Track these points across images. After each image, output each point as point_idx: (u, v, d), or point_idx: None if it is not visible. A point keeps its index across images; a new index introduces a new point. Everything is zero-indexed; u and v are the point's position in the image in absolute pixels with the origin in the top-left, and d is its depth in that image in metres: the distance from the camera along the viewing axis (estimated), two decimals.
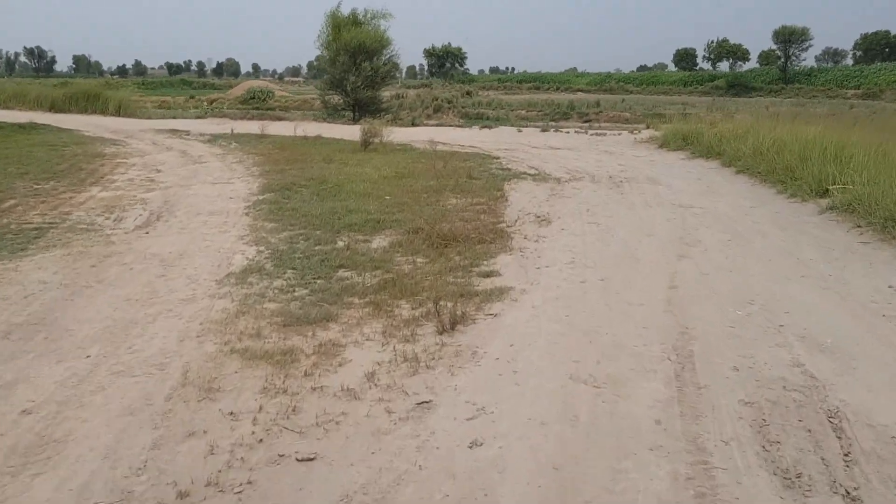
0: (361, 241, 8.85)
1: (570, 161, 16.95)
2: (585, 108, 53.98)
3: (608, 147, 19.81)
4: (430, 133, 24.75)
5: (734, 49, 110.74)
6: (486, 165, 16.07)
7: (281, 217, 10.12)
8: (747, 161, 13.59)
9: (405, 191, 12.35)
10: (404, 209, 10.65)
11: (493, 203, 11.16)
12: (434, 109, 54.73)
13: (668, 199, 11.17)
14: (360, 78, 27.34)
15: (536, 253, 7.93)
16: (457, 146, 20.73)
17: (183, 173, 14.70)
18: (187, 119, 28.44)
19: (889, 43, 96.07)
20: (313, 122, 26.94)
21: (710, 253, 7.72)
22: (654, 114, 51.81)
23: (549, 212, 10.27)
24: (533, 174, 14.69)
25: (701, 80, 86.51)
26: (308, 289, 6.86)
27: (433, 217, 9.96)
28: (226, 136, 22.76)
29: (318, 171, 14.62)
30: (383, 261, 7.84)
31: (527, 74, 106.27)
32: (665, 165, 15.50)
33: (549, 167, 15.82)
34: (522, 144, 20.84)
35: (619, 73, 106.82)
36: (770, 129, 14.79)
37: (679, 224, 9.26)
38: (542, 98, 64.98)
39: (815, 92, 73.33)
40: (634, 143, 20.51)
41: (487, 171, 15.13)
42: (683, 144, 17.80)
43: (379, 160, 16.45)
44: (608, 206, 10.69)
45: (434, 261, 7.76)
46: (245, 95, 64.20)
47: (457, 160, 16.98)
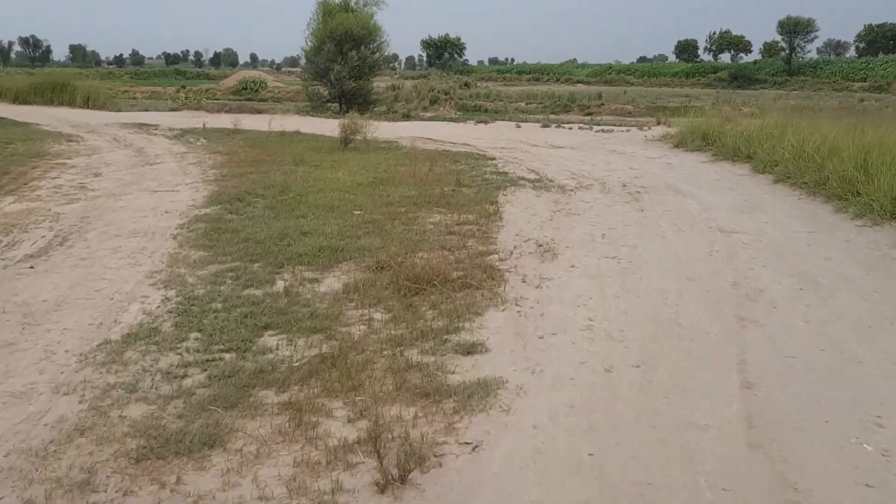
0: (309, 280, 6.63)
1: (575, 163, 14.68)
2: (587, 101, 51.54)
3: (616, 146, 17.54)
4: (422, 128, 22.47)
5: (736, 40, 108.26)
6: (479, 168, 13.82)
7: (215, 242, 7.89)
8: (787, 167, 11.32)
9: (380, 203, 10.12)
10: (374, 230, 8.43)
11: (484, 222, 8.92)
12: (430, 101, 52.31)
13: (702, 218, 8.91)
14: (345, 67, 24.94)
15: (539, 308, 5.68)
16: (448, 144, 18.46)
17: (125, 178, 12.44)
18: (161, 112, 26.10)
19: (894, 35, 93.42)
20: (295, 116, 24.60)
21: (782, 314, 5.46)
22: (657, 106, 49.41)
23: (553, 237, 8.02)
24: (533, 180, 12.44)
25: (703, 72, 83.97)
26: (207, 372, 4.64)
27: (407, 244, 7.73)
28: (196, 130, 20.50)
29: (283, 175, 12.37)
30: (329, 317, 5.62)
31: (526, 65, 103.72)
32: (686, 170, 13.23)
33: (552, 171, 13.57)
34: (521, 142, 18.56)
35: (619, 65, 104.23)
36: (811, 128, 12.51)
37: (725, 259, 6.99)
38: (542, 90, 62.47)
39: (820, 84, 70.94)
40: (645, 141, 18.23)
41: (480, 176, 12.88)
42: (703, 144, 15.52)
43: (357, 162, 14.20)
44: (628, 228, 8.42)
45: (397, 319, 5.54)
46: (237, 86, 61.92)
47: (446, 162, 14.73)
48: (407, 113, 34.88)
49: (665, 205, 9.83)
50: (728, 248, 7.39)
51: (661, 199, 10.31)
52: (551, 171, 13.60)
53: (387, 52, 29.75)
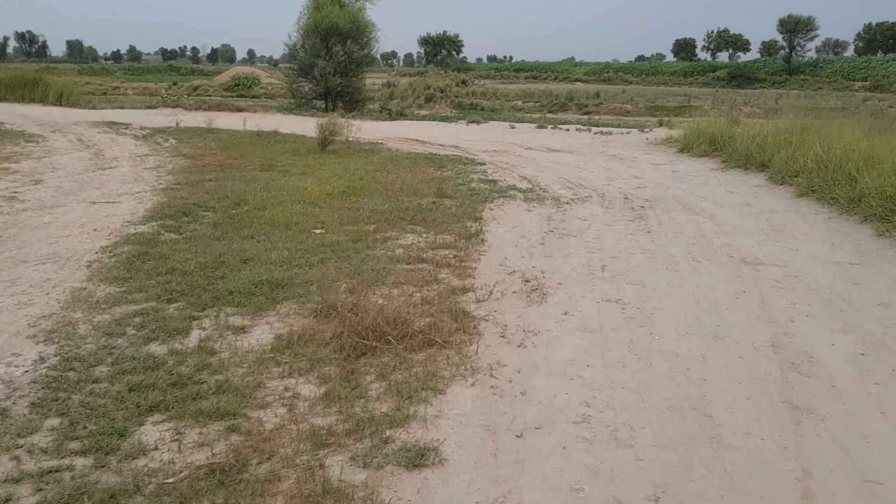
0: (233, 330, 5.18)
1: (572, 170, 13.24)
2: (585, 100, 50.05)
3: (617, 150, 16.09)
4: (411, 128, 21.02)
5: (734, 39, 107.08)
6: (465, 175, 12.38)
7: (134, 273, 6.44)
8: (810, 179, 9.86)
9: (347, 219, 8.70)
10: (331, 256, 7.00)
11: (463, 245, 7.48)
12: (426, 99, 50.80)
13: (720, 243, 7.46)
14: (330, 63, 23.39)
15: (519, 382, 4.23)
16: (437, 146, 17.01)
17: (67, 186, 10.98)
18: (137, 109, 24.59)
19: (893, 34, 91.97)
20: (277, 115, 23.08)
21: (847, 399, 3.97)
22: (656, 106, 47.96)
23: (543, 269, 6.57)
24: (525, 190, 11.00)
25: (702, 71, 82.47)
26: (39, 495, 3.21)
27: (368, 276, 6.30)
28: (168, 130, 19.02)
29: (245, 183, 10.94)
30: (241, 392, 4.18)
31: (524, 63, 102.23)
32: (695, 180, 11.78)
33: (546, 179, 12.13)
34: (515, 145, 17.10)
35: (617, 63, 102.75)
36: (833, 133, 11.07)
37: (757, 306, 5.53)
38: (540, 88, 60.97)
39: (820, 84, 69.50)
40: (647, 144, 16.78)
41: (466, 184, 11.44)
42: (711, 149, 14.07)
43: (332, 167, 12.75)
44: (633, 257, 6.96)
45: (331, 397, 4.10)
46: (230, 82, 60.54)
47: (431, 167, 13.29)
48: (401, 111, 33.40)
49: (675, 224, 8.38)
50: (758, 287, 5.93)
51: (670, 216, 8.86)
52: (546, 179, 12.16)
53: (377, 48, 28.12)
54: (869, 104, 46.04)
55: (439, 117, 24.01)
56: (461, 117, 25.55)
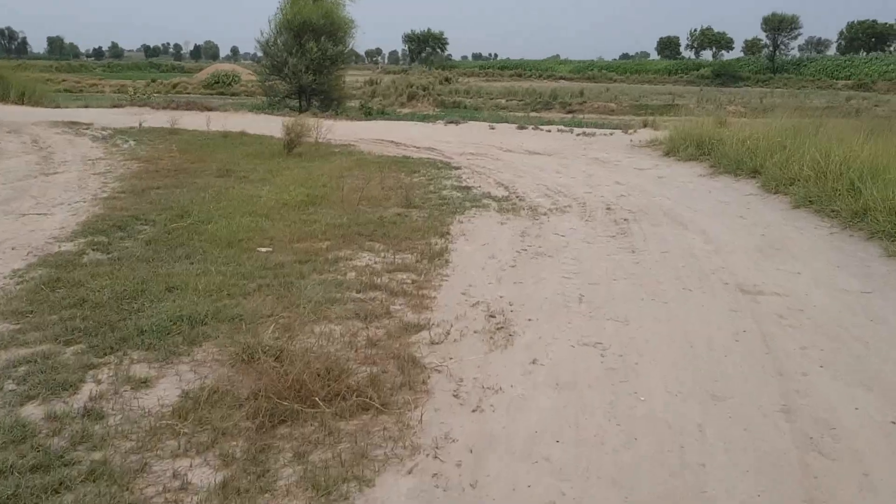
0: (133, 384, 4.26)
1: (552, 175, 12.36)
2: (569, 98, 49.27)
3: (599, 153, 15.23)
4: (387, 129, 20.08)
5: (718, 37, 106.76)
6: (438, 182, 11.48)
7: (38, 305, 5.50)
8: (808, 188, 9.03)
9: (299, 234, 7.78)
10: (272, 282, 6.09)
11: (425, 267, 6.58)
12: (408, 97, 49.91)
13: (713, 265, 6.58)
14: (303, 60, 22.37)
15: (470, 469, 3.32)
16: (412, 148, 16.10)
17: (1, 193, 10.00)
18: (103, 108, 23.48)
19: (875, 32, 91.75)
20: (248, 114, 22.04)
21: (885, 493, 3.14)
22: (641, 104, 47.22)
23: (512, 300, 5.67)
24: (500, 198, 10.12)
25: (686, 69, 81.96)
26: None
27: (306, 311, 5.38)
28: (131, 130, 17.98)
29: (195, 192, 10.00)
30: (117, 478, 3.28)
31: (509, 61, 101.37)
32: (682, 187, 10.93)
33: (524, 185, 11.25)
34: (493, 147, 16.21)
35: (602, 61, 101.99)
36: (833, 137, 10.26)
37: (761, 352, 4.63)
38: (524, 86, 60.18)
39: (804, 82, 69.16)
40: (631, 147, 15.92)
41: (437, 192, 10.55)
42: (698, 153, 13.23)
43: (295, 173, 11.81)
44: (615, 284, 6.08)
45: (228, 488, 3.19)
46: (209, 79, 59.42)
47: (402, 172, 12.39)
48: (382, 109, 32.41)
49: (662, 241, 7.51)
50: (759, 325, 5.05)
51: (656, 231, 7.99)
52: (523, 185, 11.27)
53: (351, 44, 27.05)
54: (853, 103, 45.54)
55: (419, 116, 23.09)
56: (442, 116, 24.65)
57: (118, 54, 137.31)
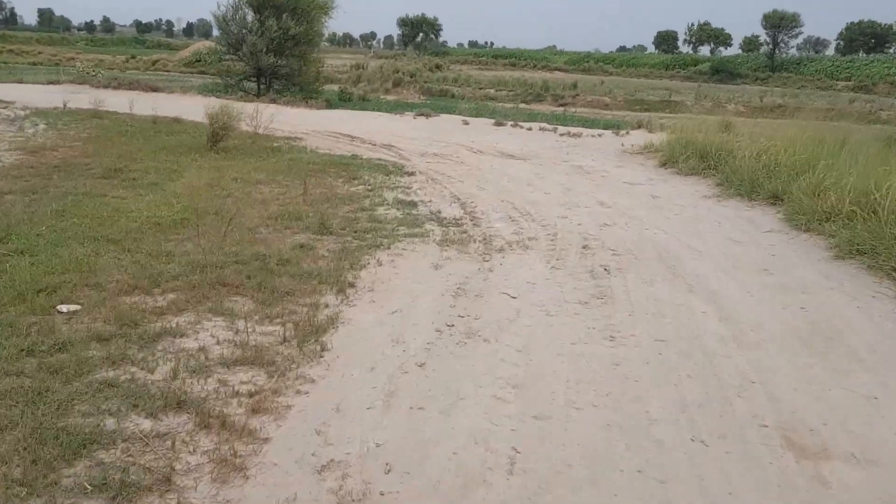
0: None
1: (522, 187, 9.93)
2: (561, 90, 46.62)
3: (584, 158, 12.80)
4: (347, 120, 17.58)
5: (716, 33, 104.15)
6: (379, 194, 9.05)
7: None
8: (854, 231, 6.60)
9: (140, 278, 5.36)
10: (15, 391, 3.66)
11: (286, 359, 4.17)
12: (394, 83, 47.12)
13: (738, 378, 4.12)
14: (262, 39, 19.73)
15: None
16: (367, 145, 13.64)
17: None
18: (38, 85, 20.86)
19: (875, 33, 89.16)
20: (196, 97, 19.40)
21: None
22: (636, 99, 44.63)
23: (393, 460, 3.23)
24: (449, 222, 7.71)
25: (683, 64, 79.24)
26: None
27: (54, 450, 2.95)
28: (50, 112, 15.45)
29: (51, 201, 7.56)
30: None
31: (504, 50, 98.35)
32: (682, 214, 8.51)
33: (485, 202, 8.83)
34: (462, 147, 13.75)
35: (598, 54, 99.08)
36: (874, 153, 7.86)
37: None
38: (516, 76, 57.40)
39: (803, 82, 66.61)
40: (622, 153, 13.48)
41: (371, 210, 8.12)
42: (701, 166, 10.81)
43: (200, 176, 9.33)
44: (577, 423, 3.62)
45: None
46: (191, 58, 56.49)
47: (339, 178, 9.95)
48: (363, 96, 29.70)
49: (656, 316, 5.06)
50: None
51: (648, 293, 5.55)
52: (485, 201, 8.85)
53: (326, 26, 24.35)
54: (856, 105, 43.09)
55: (387, 107, 20.50)
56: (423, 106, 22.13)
57: (109, 29, 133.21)
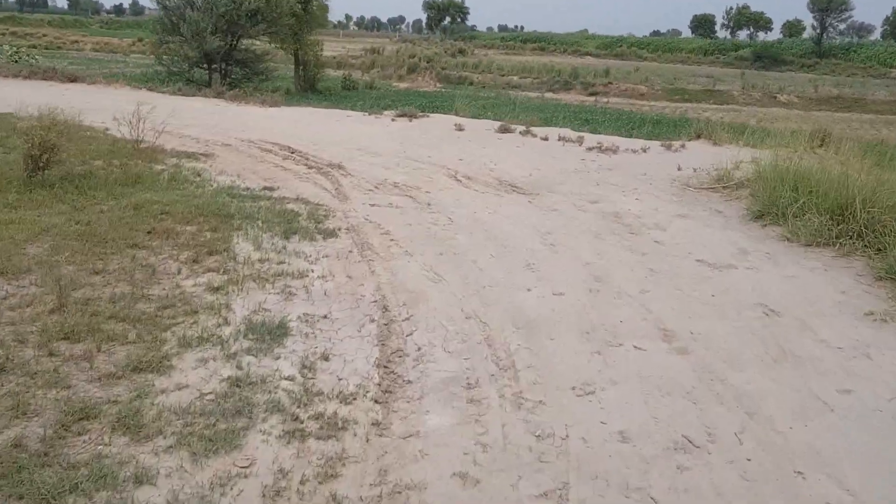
0: None
1: (516, 272, 5.26)
2: (592, 77, 41.23)
3: (623, 196, 8.07)
4: (297, 125, 12.98)
5: (756, 17, 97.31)
6: (218, 307, 4.45)
7: None
8: None
9: None
10: None
11: None
12: (408, 69, 42.32)
13: None
14: (207, 17, 15.08)
15: None
16: (303, 166, 9.06)
17: None
18: None
19: None
20: (123, 90, 14.84)
21: None
22: (675, 88, 39.19)
23: None
24: (321, 418, 3.10)
25: (723, 50, 72.99)
26: None
27: None
28: None
29: None
30: None
31: (533, 34, 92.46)
32: (837, 365, 3.80)
33: (431, 321, 4.20)
34: (442, 170, 9.08)
35: (631, 38, 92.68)
36: None
37: None
38: (544, 61, 52.09)
39: (853, 69, 60.34)
40: (680, 186, 8.68)
41: (155, 370, 3.52)
42: (834, 230, 6.01)
43: None
44: None
45: None
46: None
47: (186, 250, 5.37)
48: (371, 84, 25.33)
49: None
50: None
51: None
52: (431, 318, 4.22)
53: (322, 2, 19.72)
54: None
55: (371, 103, 15.84)
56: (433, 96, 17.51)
57: (139, 12, 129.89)
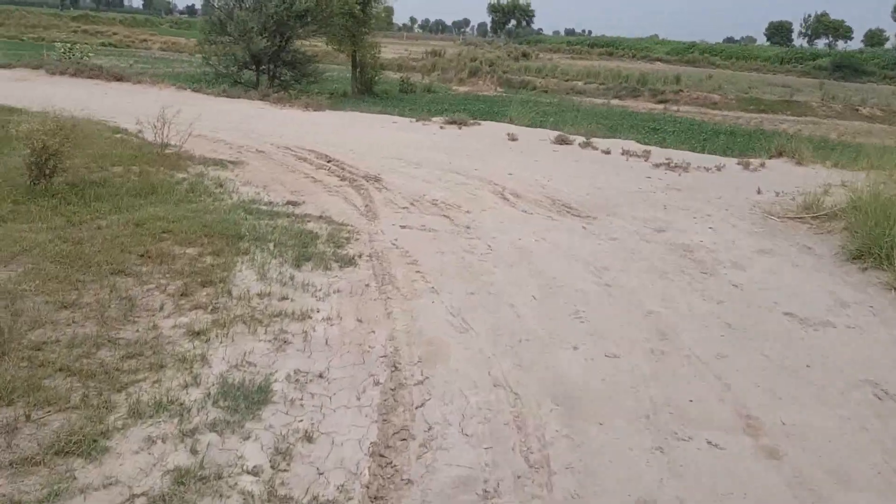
0: None
1: (560, 320, 4.33)
2: (661, 84, 39.57)
3: (694, 225, 7.01)
4: (342, 131, 12.25)
5: (836, 25, 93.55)
6: (185, 365, 3.65)
7: None
8: None
9: None
10: None
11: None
12: (469, 73, 41.44)
13: None
14: (256, 16, 14.49)
15: None
16: (335, 177, 8.28)
17: None
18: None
19: None
20: (169, 89, 14.35)
21: None
22: (750, 98, 37.26)
23: None
24: None
25: (800, 59, 69.81)
26: None
27: None
28: None
29: None
30: None
31: (600, 38, 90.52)
32: None
33: (447, 386, 3.31)
34: (488, 186, 8.17)
35: (703, 44, 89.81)
36: None
37: None
38: (611, 66, 50.46)
39: None
40: (760, 213, 7.56)
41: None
42: None
43: None
44: None
45: None
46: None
47: (179, 279, 4.60)
48: (429, 87, 24.71)
49: None
50: None
51: None
52: (449, 381, 3.34)
53: (382, 4, 19.12)
54: None
55: (424, 107, 15.02)
56: (492, 101, 16.65)
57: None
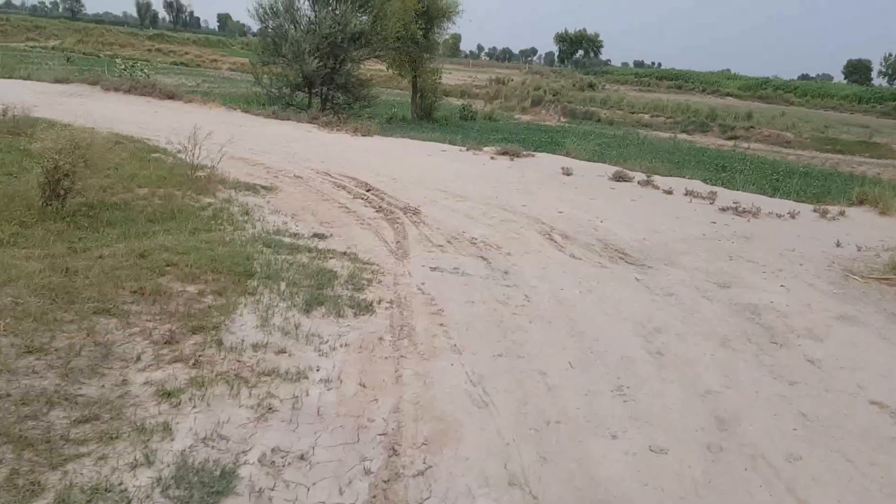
0: None
1: (599, 407, 3.64)
2: (732, 120, 38.27)
3: (764, 282, 6.22)
4: (388, 158, 11.78)
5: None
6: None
7: None
8: None
9: None
10: None
11: None
12: (532, 102, 40.94)
13: None
14: (310, 39, 14.21)
15: None
16: (372, 208, 7.75)
17: None
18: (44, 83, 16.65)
19: None
20: (217, 110, 14.16)
21: None
22: (826, 137, 35.66)
23: None
24: None
25: (880, 98, 67.12)
26: None
27: None
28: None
29: None
30: None
31: (670, 71, 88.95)
32: None
33: None
34: (535, 225, 7.51)
35: (777, 80, 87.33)
36: None
37: None
38: (680, 100, 49.21)
39: None
40: (841, 272, 6.70)
41: None
42: None
43: None
44: None
45: None
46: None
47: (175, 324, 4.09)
48: (490, 115, 24.20)
49: None
50: None
51: None
52: None
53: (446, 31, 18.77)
54: None
55: (473, 138, 14.50)
56: (555, 131, 16.02)
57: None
